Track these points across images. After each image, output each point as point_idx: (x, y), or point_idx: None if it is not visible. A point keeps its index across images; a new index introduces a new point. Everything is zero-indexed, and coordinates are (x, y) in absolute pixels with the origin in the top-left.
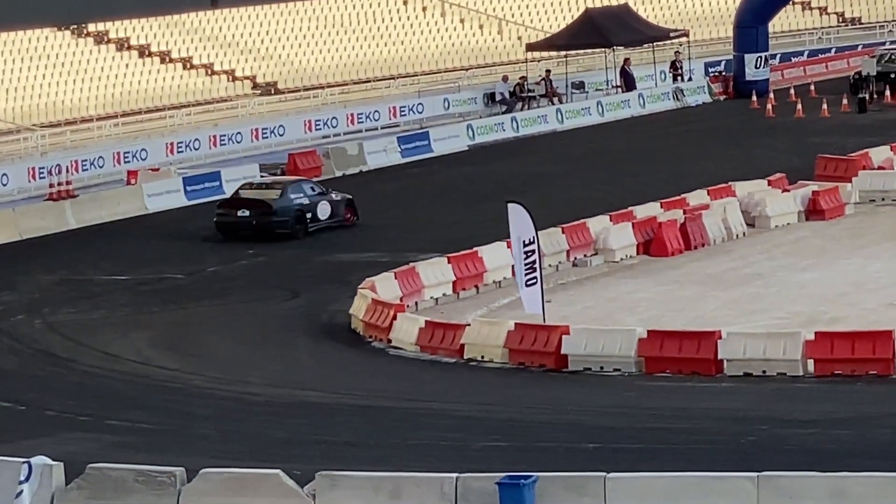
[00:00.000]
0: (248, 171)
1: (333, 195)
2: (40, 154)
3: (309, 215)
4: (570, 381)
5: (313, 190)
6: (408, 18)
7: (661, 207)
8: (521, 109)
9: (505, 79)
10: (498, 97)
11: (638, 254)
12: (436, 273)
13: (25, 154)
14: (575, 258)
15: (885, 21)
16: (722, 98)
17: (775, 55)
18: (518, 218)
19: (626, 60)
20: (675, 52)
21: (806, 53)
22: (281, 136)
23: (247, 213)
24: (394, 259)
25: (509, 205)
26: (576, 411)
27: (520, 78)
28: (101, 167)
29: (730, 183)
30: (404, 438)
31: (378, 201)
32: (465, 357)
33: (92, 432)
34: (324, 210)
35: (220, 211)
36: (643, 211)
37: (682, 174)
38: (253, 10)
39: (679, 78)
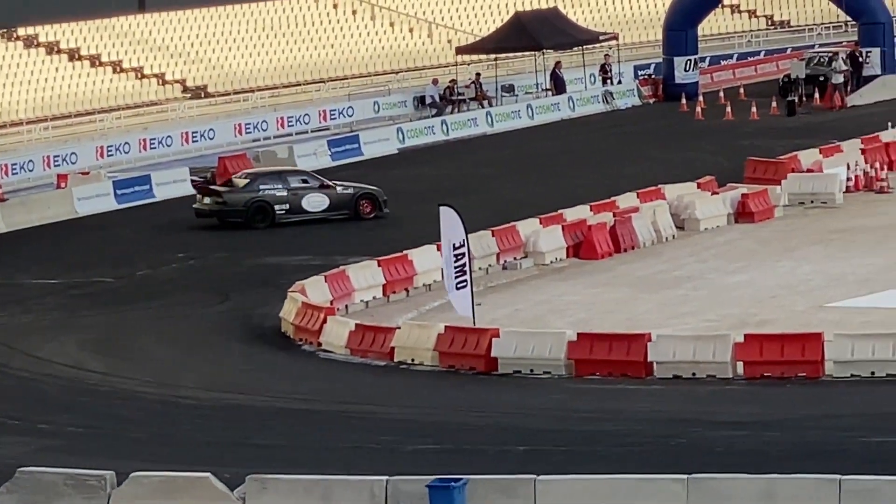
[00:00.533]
0: (179, 175)
1: (339, 188)
2: None
3: (285, 207)
4: (500, 383)
5: (304, 182)
6: (338, 22)
7: (591, 210)
8: (451, 113)
9: (435, 82)
10: (428, 100)
11: (568, 256)
12: (366, 276)
13: None
14: (505, 261)
15: (814, 24)
16: (651, 101)
17: (705, 58)
18: (449, 221)
19: (557, 63)
20: (605, 56)
21: (735, 56)
22: (211, 139)
23: (207, 200)
24: (324, 262)
25: (441, 208)
26: (506, 414)
27: (450, 81)
28: (30, 171)
29: (659, 186)
30: (335, 441)
31: None
32: (396, 360)
33: (22, 436)
34: (315, 202)
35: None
36: (573, 214)
37: (612, 177)
38: (182, 14)
39: (609, 81)
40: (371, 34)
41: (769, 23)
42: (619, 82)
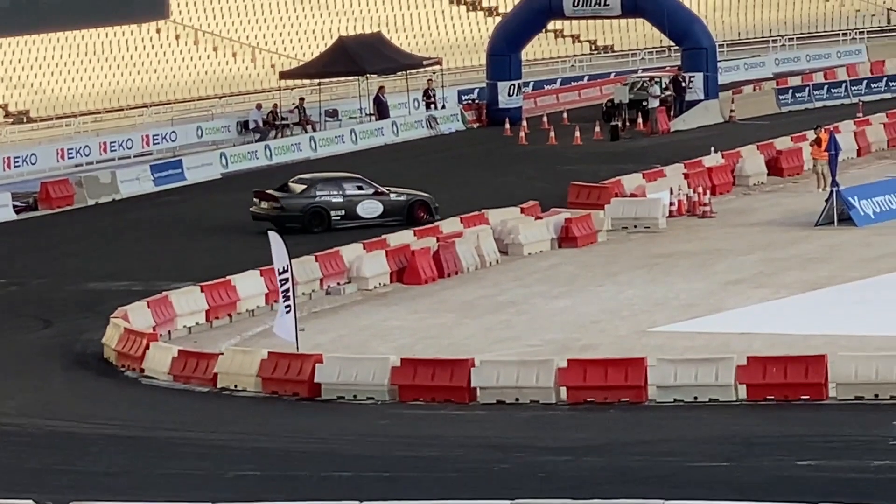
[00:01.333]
0: (0, 200)
1: (392, 196)
2: None
3: (340, 213)
4: (324, 409)
5: (360, 188)
6: (161, 46)
7: (415, 235)
8: (275, 138)
9: (258, 107)
10: (251, 125)
11: (391, 282)
12: (189, 302)
13: None
14: (328, 286)
15: (637, 49)
16: (475, 126)
17: (528, 83)
18: (277, 246)
19: (380, 88)
20: (428, 80)
21: (559, 81)
22: (33, 164)
23: (264, 205)
24: (147, 288)
25: (269, 233)
26: (329, 440)
27: (272, 106)
28: None
29: (483, 210)
30: (157, 468)
31: (131, 230)
32: (219, 386)
33: None
34: (369, 209)
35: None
36: (396, 239)
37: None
38: (4, 40)
39: (433, 106)
40: (194, 59)
41: (593, 48)
42: (443, 107)
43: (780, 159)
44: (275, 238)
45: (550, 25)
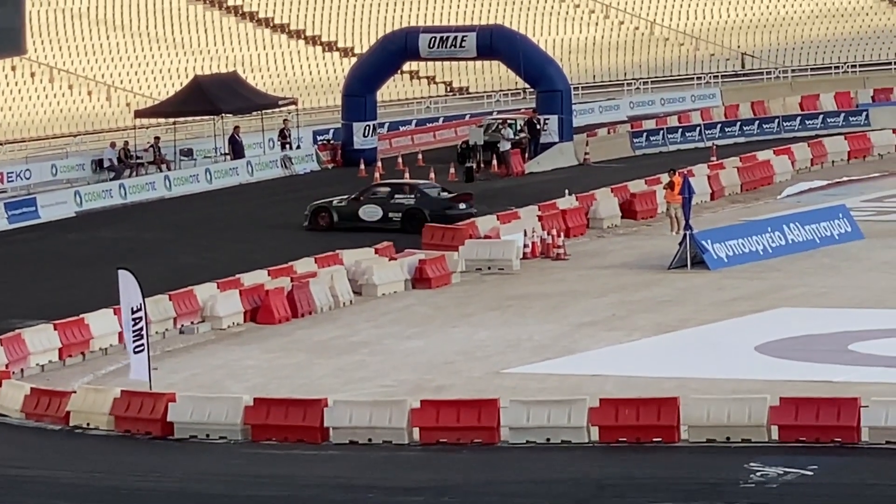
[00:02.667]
0: None
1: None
2: None
3: None
4: (176, 448)
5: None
6: (16, 84)
7: (269, 275)
8: (130, 176)
9: (113, 145)
10: (106, 164)
11: (245, 321)
12: (42, 340)
13: None
14: (182, 325)
15: (493, 91)
16: (330, 166)
17: (384, 124)
18: (127, 285)
19: (236, 128)
20: (284, 120)
21: (414, 122)
22: None
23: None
24: None
25: (119, 271)
26: (181, 479)
27: (123, 144)
28: None
29: (337, 251)
30: None
31: None
32: (71, 424)
33: None
34: None
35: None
36: (251, 278)
37: (290, 242)
38: None
39: (288, 146)
40: (49, 96)
41: (448, 89)
42: (299, 147)
43: (634, 202)
44: (125, 277)
45: (406, 66)
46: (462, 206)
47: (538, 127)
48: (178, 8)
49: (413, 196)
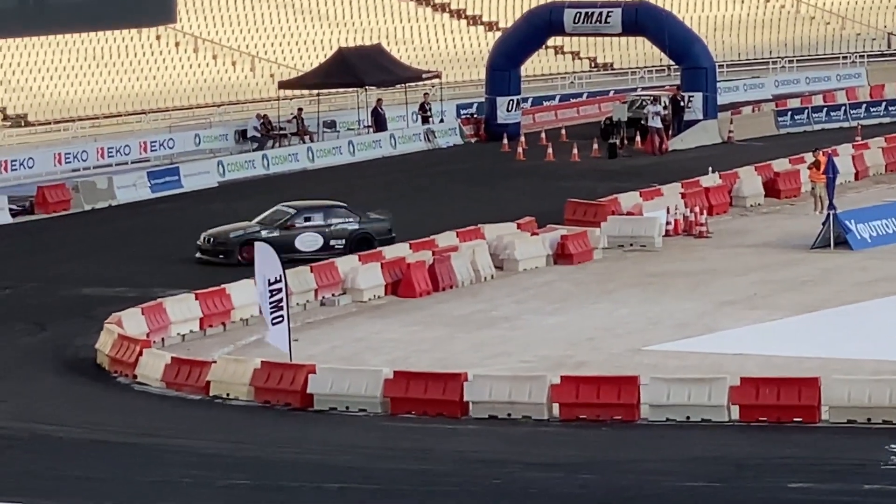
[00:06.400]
0: None
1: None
2: None
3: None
4: (315, 420)
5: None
6: (160, 53)
7: (410, 248)
8: (273, 147)
9: (258, 116)
10: (249, 134)
11: (386, 294)
12: (183, 309)
13: None
14: (323, 297)
15: (637, 67)
16: (473, 140)
17: (527, 99)
18: (265, 256)
19: (379, 101)
20: (424, 94)
21: (558, 98)
22: (30, 168)
23: None
24: (141, 294)
25: (257, 244)
26: (320, 451)
27: (263, 115)
28: None
29: (479, 225)
30: (146, 475)
31: (127, 236)
32: (211, 394)
33: None
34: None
35: None
36: (392, 251)
37: (432, 215)
38: (3, 42)
39: (429, 120)
40: (193, 66)
41: (592, 65)
42: (442, 121)
43: (778, 181)
44: (264, 249)
45: (551, 41)
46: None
47: (682, 104)
48: None
49: (355, 219)
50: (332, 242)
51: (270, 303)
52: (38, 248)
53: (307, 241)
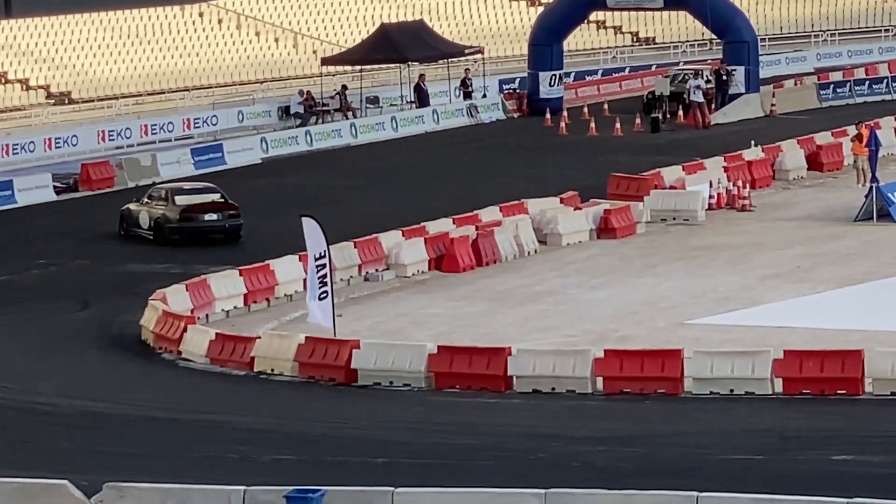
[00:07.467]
0: (41, 181)
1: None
2: None
3: None
4: (360, 395)
5: None
6: (203, 30)
7: (454, 223)
8: (316, 123)
9: (301, 93)
10: (293, 110)
11: (429, 269)
12: (227, 286)
13: None
14: (367, 273)
15: (679, 41)
16: (516, 115)
17: (570, 73)
18: (311, 232)
19: (421, 76)
20: (465, 70)
21: (600, 72)
22: (74, 145)
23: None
24: (185, 271)
25: (302, 219)
26: (365, 426)
27: (305, 92)
28: None
29: (522, 200)
30: (192, 450)
31: None
32: (255, 370)
33: None
34: None
35: None
36: (435, 226)
37: (475, 190)
38: (48, 20)
39: (471, 95)
40: (236, 43)
41: (634, 39)
42: (484, 96)
43: (821, 154)
44: (309, 223)
45: (592, 16)
46: (212, 216)
47: (724, 78)
48: None
49: (164, 202)
50: (150, 224)
51: (316, 278)
52: (81, 225)
53: (143, 219)
